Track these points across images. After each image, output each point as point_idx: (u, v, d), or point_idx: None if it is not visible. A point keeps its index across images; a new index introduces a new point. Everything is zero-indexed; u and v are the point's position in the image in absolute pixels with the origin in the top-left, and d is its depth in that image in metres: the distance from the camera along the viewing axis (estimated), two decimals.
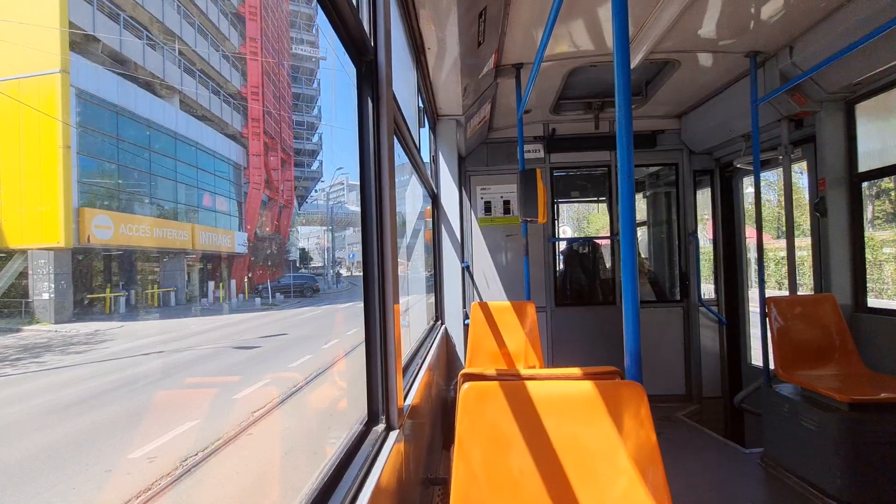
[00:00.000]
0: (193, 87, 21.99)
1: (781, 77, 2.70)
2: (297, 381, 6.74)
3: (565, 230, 11.95)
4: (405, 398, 1.50)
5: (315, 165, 41.60)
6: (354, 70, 1.32)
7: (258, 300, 19.36)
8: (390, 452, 1.13)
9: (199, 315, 17.65)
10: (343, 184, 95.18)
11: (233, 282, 24.19)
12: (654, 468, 1.00)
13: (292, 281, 23.99)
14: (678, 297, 4.01)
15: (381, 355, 1.23)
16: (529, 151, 3.96)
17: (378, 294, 1.23)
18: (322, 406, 6.12)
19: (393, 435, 1.21)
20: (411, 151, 2.27)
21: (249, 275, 24.85)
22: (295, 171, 40.59)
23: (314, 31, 39.54)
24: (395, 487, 1.20)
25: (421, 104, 2.91)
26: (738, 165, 3.48)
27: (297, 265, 45.93)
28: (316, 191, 41.85)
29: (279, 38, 31.36)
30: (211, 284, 21.86)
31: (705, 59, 2.92)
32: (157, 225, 18.96)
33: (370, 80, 1.27)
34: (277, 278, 23.67)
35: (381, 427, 1.22)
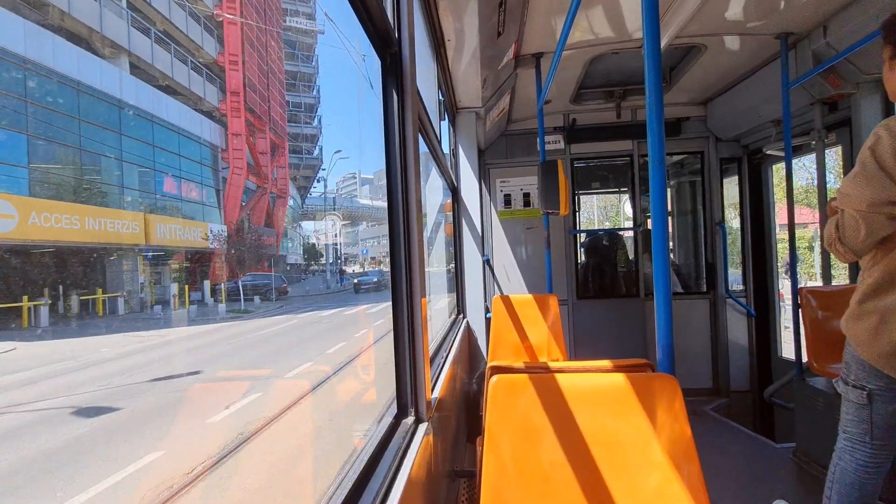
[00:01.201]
0: (152, 50, 17.64)
1: (814, 58, 2.62)
2: None
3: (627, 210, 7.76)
4: (432, 391, 1.50)
5: (316, 152, 37.22)
6: (376, 61, 1.33)
7: (222, 307, 14.89)
8: (420, 444, 1.14)
9: (141, 329, 14.56)
10: (355, 177, 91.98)
11: (205, 283, 19.94)
12: (690, 462, 0.98)
13: (252, 282, 19.61)
14: (704, 289, 3.98)
15: (409, 348, 1.24)
16: (549, 142, 3.91)
17: (405, 288, 1.25)
18: None
19: (422, 427, 1.24)
20: (433, 145, 2.28)
21: (229, 275, 20.54)
22: (292, 159, 36.23)
23: (311, 3, 35.00)
24: (425, 479, 1.22)
25: (441, 97, 2.89)
26: (768, 152, 3.36)
27: (305, 263, 41.70)
28: (318, 181, 37.60)
29: (265, 2, 26.82)
30: (174, 287, 17.53)
31: (732, 43, 2.85)
32: (93, 214, 14.50)
33: (395, 72, 1.26)
34: (236, 279, 19.31)
35: (410, 419, 1.24)
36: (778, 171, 4.04)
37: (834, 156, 3.35)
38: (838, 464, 1.45)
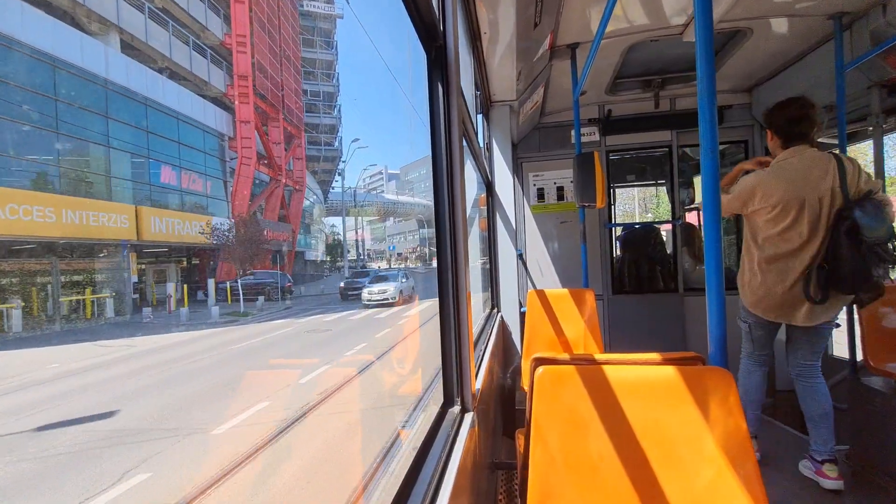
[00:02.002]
0: (146, 27, 15.76)
1: (872, 39, 2.51)
2: None
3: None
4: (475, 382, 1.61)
5: (336, 143, 35.20)
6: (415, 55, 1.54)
7: (215, 310, 12.85)
8: (467, 434, 1.17)
9: (120, 335, 12.69)
10: (382, 173, 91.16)
11: (210, 282, 18.19)
12: (746, 458, 0.97)
13: (253, 281, 17.69)
14: None
15: (454, 339, 1.28)
16: (584, 135, 3.87)
17: (451, 281, 1.28)
18: None
19: (468, 417, 1.27)
20: (471, 139, 2.29)
21: (231, 273, 18.71)
22: (310, 150, 34.30)
23: None
24: (471, 470, 1.25)
25: (476, 91, 2.91)
26: (820, 140, 3.34)
27: (329, 260, 39.98)
28: (339, 174, 35.63)
29: None
30: (170, 287, 15.77)
31: (780, 25, 2.73)
32: (72, 206, 12.62)
33: (440, 66, 1.27)
34: (236, 278, 17.41)
35: (456, 409, 1.28)
36: None
37: (893, 142, 3.44)
38: (742, 366, 2.43)
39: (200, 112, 20.42)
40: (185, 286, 17.92)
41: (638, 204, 19.83)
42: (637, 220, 15.81)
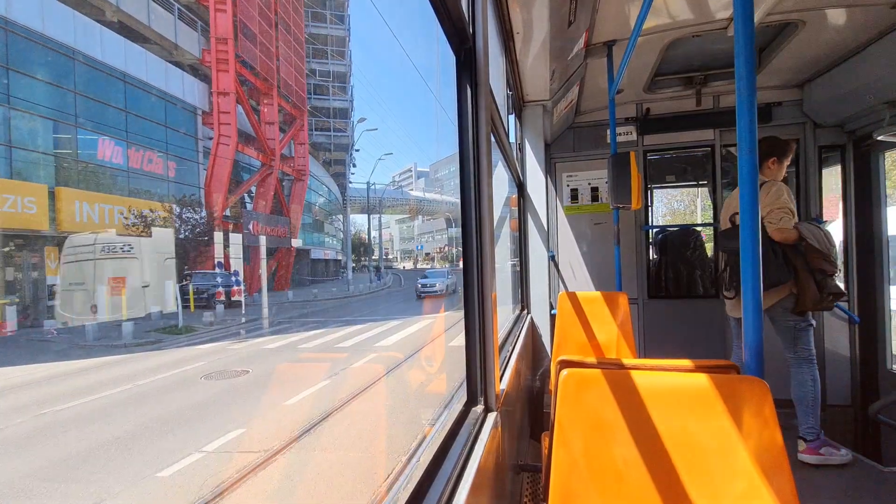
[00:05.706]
0: None
1: None
2: None
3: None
4: (500, 382, 1.61)
5: (348, 130, 31.00)
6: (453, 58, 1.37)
7: (128, 326, 8.38)
8: (489, 433, 1.16)
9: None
10: (411, 170, 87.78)
11: (168, 284, 14.26)
12: (781, 472, 0.93)
13: (198, 283, 13.65)
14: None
15: (479, 339, 1.27)
16: (620, 134, 3.77)
17: (477, 281, 1.27)
18: None
19: (491, 417, 1.25)
20: (502, 140, 2.30)
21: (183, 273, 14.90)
22: (319, 137, 30.20)
23: None
24: (493, 470, 1.23)
25: (508, 91, 2.90)
26: (879, 138, 3.06)
27: (338, 260, 36.05)
28: (354, 166, 31.46)
29: None
30: (101, 291, 11.86)
31: (836, 16, 2.56)
32: None
33: (469, 69, 1.26)
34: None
35: (479, 408, 1.27)
36: (891, 158, 3.78)
37: None
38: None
39: (161, 76, 16.62)
40: (124, 290, 14.11)
41: (700, 201, 17.35)
42: (699, 220, 14.27)
